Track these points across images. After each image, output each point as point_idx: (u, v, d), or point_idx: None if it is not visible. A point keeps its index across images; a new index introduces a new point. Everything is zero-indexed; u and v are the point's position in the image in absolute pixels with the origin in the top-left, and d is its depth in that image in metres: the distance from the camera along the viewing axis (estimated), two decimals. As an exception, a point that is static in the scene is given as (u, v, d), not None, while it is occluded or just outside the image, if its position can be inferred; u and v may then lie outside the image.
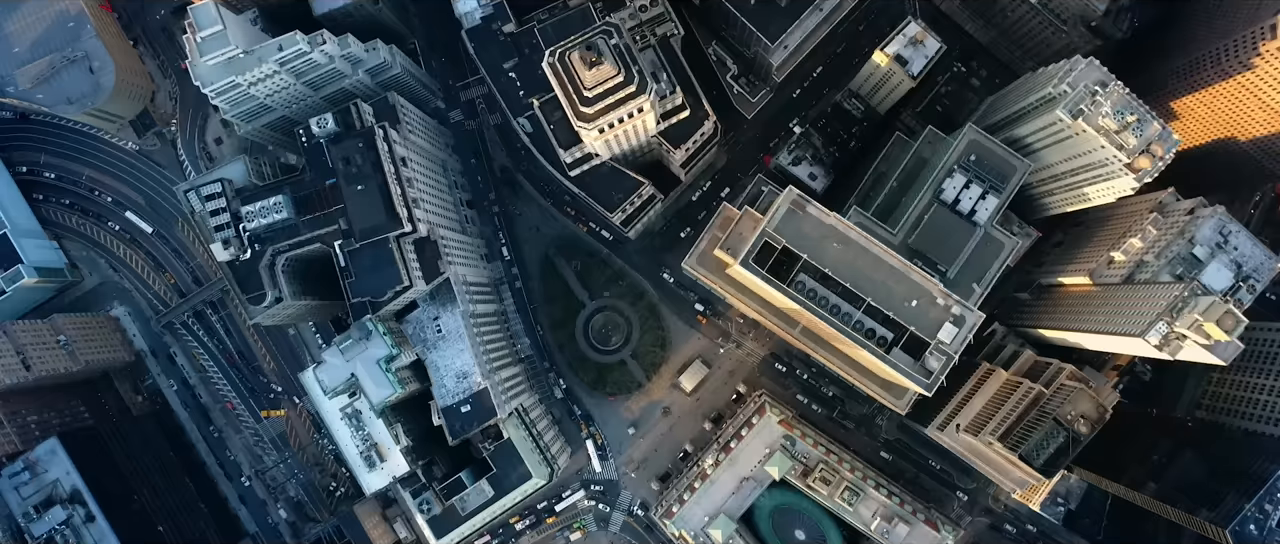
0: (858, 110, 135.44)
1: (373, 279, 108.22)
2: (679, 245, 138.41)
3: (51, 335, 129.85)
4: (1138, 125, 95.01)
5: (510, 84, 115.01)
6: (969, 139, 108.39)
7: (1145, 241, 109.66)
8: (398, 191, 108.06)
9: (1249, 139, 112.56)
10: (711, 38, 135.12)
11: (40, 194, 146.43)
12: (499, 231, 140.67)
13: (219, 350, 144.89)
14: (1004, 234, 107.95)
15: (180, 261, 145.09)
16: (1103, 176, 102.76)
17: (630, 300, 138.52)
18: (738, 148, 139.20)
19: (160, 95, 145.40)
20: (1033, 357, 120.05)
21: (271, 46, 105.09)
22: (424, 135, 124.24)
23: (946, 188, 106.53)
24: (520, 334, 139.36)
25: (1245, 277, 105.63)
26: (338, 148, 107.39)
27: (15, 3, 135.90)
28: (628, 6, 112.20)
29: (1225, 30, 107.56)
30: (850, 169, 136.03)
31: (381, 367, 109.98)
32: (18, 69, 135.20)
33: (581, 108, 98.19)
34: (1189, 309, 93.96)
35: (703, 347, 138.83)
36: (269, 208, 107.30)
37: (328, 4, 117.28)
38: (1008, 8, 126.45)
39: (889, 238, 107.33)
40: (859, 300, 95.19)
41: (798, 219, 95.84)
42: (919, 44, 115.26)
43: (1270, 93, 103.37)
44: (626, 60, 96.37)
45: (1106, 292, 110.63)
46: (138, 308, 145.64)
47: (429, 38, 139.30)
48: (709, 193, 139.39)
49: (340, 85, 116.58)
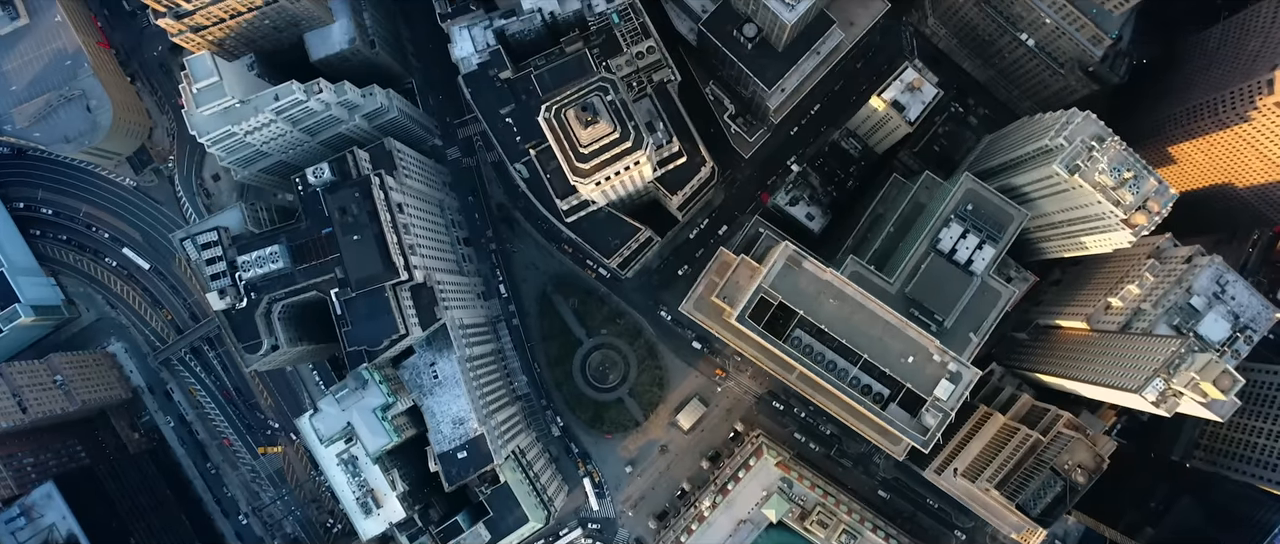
0: (855, 149, 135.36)
1: (369, 328, 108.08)
2: (676, 283, 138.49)
3: (48, 376, 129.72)
4: (1134, 182, 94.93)
5: (507, 129, 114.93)
6: (966, 188, 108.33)
7: (1142, 289, 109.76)
8: (394, 240, 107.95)
9: (1246, 186, 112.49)
10: (708, 77, 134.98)
11: (37, 230, 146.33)
12: (496, 269, 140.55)
13: (216, 387, 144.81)
14: (1001, 284, 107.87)
15: (177, 298, 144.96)
16: (1100, 229, 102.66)
17: (628, 338, 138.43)
18: (735, 186, 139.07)
19: (157, 132, 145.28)
20: (1030, 401, 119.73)
21: (268, 96, 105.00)
22: (421, 177, 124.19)
23: (943, 237, 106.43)
24: (517, 372, 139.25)
25: (1242, 327, 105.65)
26: (334, 197, 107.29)
27: (13, 40, 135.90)
28: (624, 53, 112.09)
29: (1222, 80, 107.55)
30: (848, 208, 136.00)
31: (377, 415, 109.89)
32: (15, 107, 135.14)
33: (578, 163, 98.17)
34: (1186, 366, 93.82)
35: (700, 385, 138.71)
36: (265, 257, 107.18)
37: (324, 49, 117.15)
38: (1005, 49, 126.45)
39: (886, 287, 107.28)
40: (855, 356, 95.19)
41: (794, 274, 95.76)
42: (916, 90, 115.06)
43: (1267, 144, 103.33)
44: (622, 116, 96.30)
45: (1103, 340, 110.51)
46: (135, 344, 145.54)
47: (426, 75, 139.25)
48: (707, 230, 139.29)
49: (337, 130, 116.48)
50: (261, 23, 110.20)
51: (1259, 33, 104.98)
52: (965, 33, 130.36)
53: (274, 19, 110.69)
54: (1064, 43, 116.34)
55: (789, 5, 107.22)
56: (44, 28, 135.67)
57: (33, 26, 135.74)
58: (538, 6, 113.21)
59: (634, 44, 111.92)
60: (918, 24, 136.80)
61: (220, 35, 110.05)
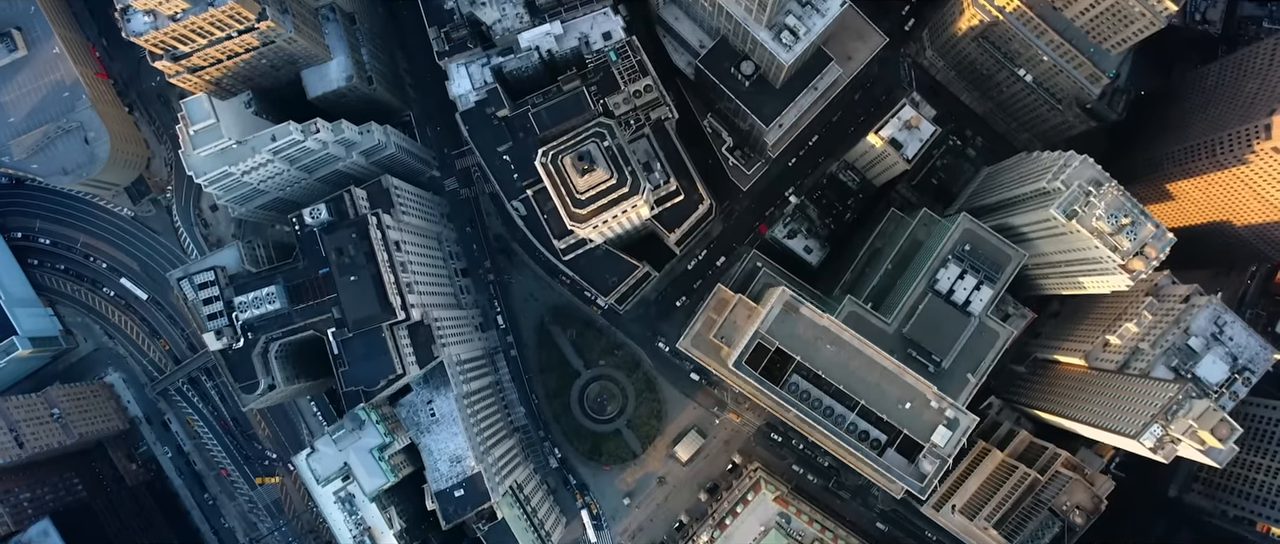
0: (853, 182, 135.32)
1: (366, 368, 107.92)
2: (674, 314, 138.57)
3: (45, 409, 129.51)
4: (1131, 228, 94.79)
5: (504, 167, 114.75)
6: (963, 228, 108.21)
7: (1140, 327, 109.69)
8: (391, 279, 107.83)
9: (1244, 225, 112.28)
10: (706, 110, 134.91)
11: (35, 260, 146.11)
12: (494, 300, 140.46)
13: (214, 417, 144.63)
14: (998, 324, 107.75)
15: (175, 328, 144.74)
16: (1097, 271, 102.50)
17: (626, 370, 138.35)
18: (733, 217, 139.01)
19: (155, 162, 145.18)
20: (1028, 438, 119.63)
21: (265, 137, 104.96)
22: (418, 212, 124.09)
23: (941, 278, 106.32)
24: (515, 403, 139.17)
25: (1241, 369, 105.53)
26: (331, 238, 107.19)
27: (11, 72, 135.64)
28: (622, 91, 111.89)
29: (1219, 120, 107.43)
30: (846, 240, 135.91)
31: (374, 456, 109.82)
32: (13, 139, 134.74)
33: (574, 209, 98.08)
34: (1183, 413, 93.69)
35: (698, 416, 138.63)
36: (262, 298, 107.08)
37: (321, 87, 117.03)
38: (1003, 84, 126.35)
39: (883, 327, 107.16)
40: (852, 402, 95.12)
41: (791, 320, 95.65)
42: (914, 128, 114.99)
43: (1265, 186, 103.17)
44: (619, 162, 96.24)
45: (1101, 379, 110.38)
46: (132, 374, 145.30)
47: (424, 107, 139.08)
48: (704, 262, 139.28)
49: (334, 167, 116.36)
50: (259, 62, 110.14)
51: (1257, 74, 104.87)
52: (963, 66, 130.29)
53: (271, 58, 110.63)
54: (1062, 80, 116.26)
55: (786, 46, 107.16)
56: (42, 59, 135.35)
57: (31, 58, 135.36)
58: (535, 45, 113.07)
59: (631, 82, 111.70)
60: (916, 56, 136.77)
61: (217, 74, 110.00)
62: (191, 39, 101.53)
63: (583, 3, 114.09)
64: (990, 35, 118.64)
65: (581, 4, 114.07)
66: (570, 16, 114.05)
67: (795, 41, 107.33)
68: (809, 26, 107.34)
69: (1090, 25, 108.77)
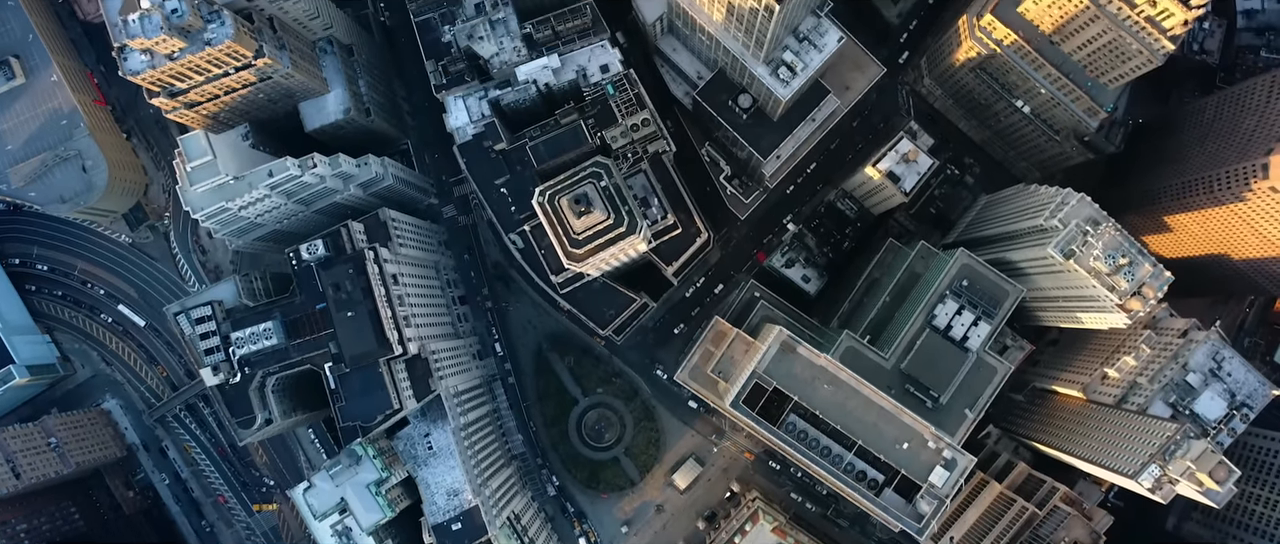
0: (851, 210, 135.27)
1: (363, 403, 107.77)
2: (672, 341, 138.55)
3: (42, 438, 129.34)
4: (1129, 268, 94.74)
5: (502, 199, 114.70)
6: (961, 263, 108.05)
7: (1138, 361, 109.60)
8: (388, 314, 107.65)
9: (1242, 258, 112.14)
10: (704, 138, 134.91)
11: (32, 286, 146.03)
12: (492, 327, 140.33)
13: (211, 444, 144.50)
14: (996, 360, 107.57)
15: (172, 354, 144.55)
16: (1095, 308, 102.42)
17: (624, 397, 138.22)
18: (731, 245, 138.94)
19: (153, 188, 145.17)
20: (1027, 470, 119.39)
21: (262, 172, 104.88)
22: (417, 243, 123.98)
23: (938, 314, 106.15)
24: (513, 431, 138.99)
25: (1239, 405, 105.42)
26: (328, 273, 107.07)
27: (9, 100, 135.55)
28: (619, 124, 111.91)
29: (1217, 156, 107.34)
30: (844, 269, 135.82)
31: (371, 491, 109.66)
32: (10, 167, 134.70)
33: (571, 249, 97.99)
34: (1181, 454, 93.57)
35: (696, 444, 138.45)
36: (259, 334, 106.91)
37: (319, 119, 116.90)
38: (1001, 114, 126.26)
39: (881, 363, 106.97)
40: (850, 442, 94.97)
41: (788, 360, 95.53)
42: (911, 162, 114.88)
43: (1263, 223, 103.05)
44: (616, 202, 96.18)
45: (1100, 414, 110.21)
46: (130, 401, 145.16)
47: (422, 134, 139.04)
48: (702, 289, 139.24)
49: (332, 200, 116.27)
50: (256, 97, 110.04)
51: (1254, 111, 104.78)
52: (961, 95, 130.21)
53: (269, 93, 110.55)
54: (1060, 112, 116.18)
55: (784, 82, 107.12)
56: (40, 87, 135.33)
57: (29, 86, 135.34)
58: (533, 78, 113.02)
59: (629, 115, 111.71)
60: (914, 84, 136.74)
61: (214, 109, 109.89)
62: (188, 76, 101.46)
63: (580, 36, 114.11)
64: (988, 67, 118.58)
65: (579, 37, 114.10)
66: (568, 50, 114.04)
67: (793, 77, 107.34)
68: (806, 62, 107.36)
69: (1088, 60, 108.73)
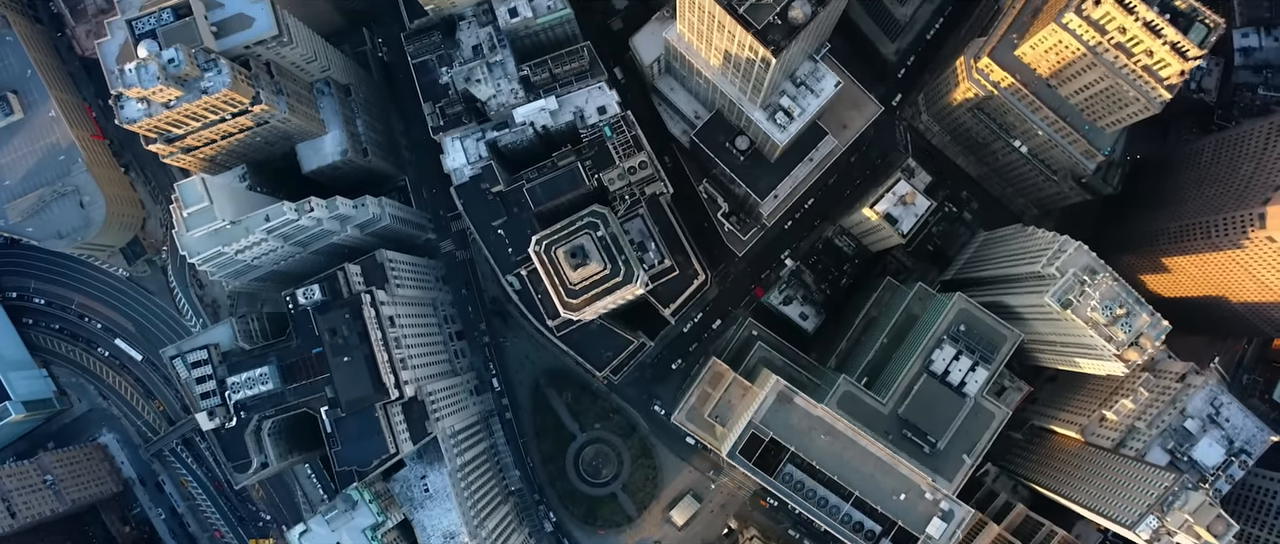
0: (849, 247, 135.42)
1: (359, 448, 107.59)
2: (670, 377, 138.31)
3: (38, 476, 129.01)
4: (1127, 319, 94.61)
5: (499, 241, 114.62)
6: (958, 308, 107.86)
7: (1137, 404, 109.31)
8: (385, 358, 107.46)
9: (1240, 302, 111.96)
10: (702, 175, 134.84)
11: (29, 319, 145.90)
12: (489, 362, 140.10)
13: (207, 478, 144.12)
14: (994, 405, 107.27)
15: (169, 389, 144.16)
16: (1093, 355, 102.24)
17: (622, 433, 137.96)
18: (729, 280, 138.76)
19: (151, 222, 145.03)
20: (1025, 511, 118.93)
21: (258, 217, 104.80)
22: (414, 282, 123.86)
23: (936, 359, 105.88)
24: (510, 467, 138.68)
25: (1237, 451, 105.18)
26: (324, 318, 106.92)
27: (7, 135, 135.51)
28: (617, 166, 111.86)
29: (1215, 202, 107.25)
30: (842, 306, 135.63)
31: (368, 535, 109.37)
32: (8, 202, 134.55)
33: (567, 298, 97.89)
34: (1179, 505, 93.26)
35: (694, 480, 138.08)
36: (255, 378, 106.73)
37: (316, 161, 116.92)
38: (999, 152, 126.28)
39: (878, 408, 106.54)
40: (847, 493, 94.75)
41: (785, 410, 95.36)
42: (909, 204, 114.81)
43: (1261, 270, 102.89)
44: (613, 252, 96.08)
45: (1097, 458, 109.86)
46: (126, 435, 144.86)
47: (419, 170, 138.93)
48: (700, 324, 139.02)
49: (329, 241, 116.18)
50: (253, 140, 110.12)
51: (1251, 157, 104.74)
52: (959, 133, 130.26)
53: (266, 136, 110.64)
54: (1057, 153, 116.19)
55: (781, 126, 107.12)
56: (38, 123, 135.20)
57: (27, 121, 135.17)
58: (530, 120, 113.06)
59: (626, 158, 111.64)
60: (912, 120, 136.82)
61: (211, 153, 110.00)
62: (185, 123, 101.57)
63: (577, 78, 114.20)
64: (985, 107, 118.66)
65: (576, 79, 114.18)
66: (565, 92, 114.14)
67: (790, 122, 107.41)
68: (803, 107, 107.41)
69: (1085, 105, 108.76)
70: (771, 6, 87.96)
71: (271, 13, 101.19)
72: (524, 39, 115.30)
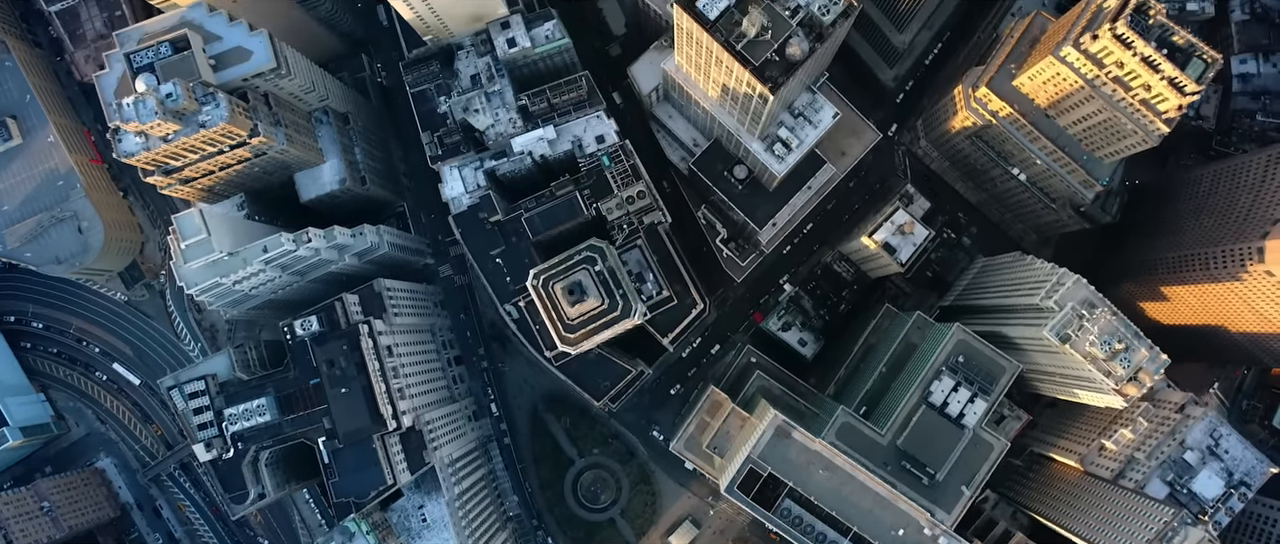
0: (848, 272, 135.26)
1: (356, 479, 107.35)
2: (669, 402, 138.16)
3: (35, 503, 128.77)
4: (1125, 354, 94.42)
5: (497, 270, 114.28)
6: (957, 339, 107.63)
7: (1136, 434, 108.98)
8: (382, 389, 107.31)
9: (1239, 331, 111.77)
10: (701, 201, 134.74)
11: (27, 343, 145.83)
12: (487, 387, 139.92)
13: (206, 503, 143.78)
14: (993, 436, 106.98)
15: (167, 413, 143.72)
16: (1092, 388, 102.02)
17: (620, 459, 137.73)
18: (728, 304, 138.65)
19: (149, 246, 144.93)
20: (1024, 540, 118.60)
21: (256, 248, 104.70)
22: (412, 310, 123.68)
23: (934, 391, 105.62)
24: (508, 492, 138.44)
25: (1237, 483, 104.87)
26: (322, 349, 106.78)
27: (5, 161, 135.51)
28: (615, 195, 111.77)
29: (1213, 233, 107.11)
30: (840, 331, 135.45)
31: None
32: (6, 228, 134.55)
33: (565, 333, 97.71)
34: (1180, 541, 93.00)
35: (692, 505, 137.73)
36: (253, 410, 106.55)
37: (314, 190, 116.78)
38: (998, 179, 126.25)
39: (877, 439, 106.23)
40: (845, 528, 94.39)
41: (783, 445, 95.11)
42: (908, 234, 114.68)
43: (1260, 302, 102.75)
44: (610, 286, 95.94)
45: (1096, 489, 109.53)
46: (124, 460, 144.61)
47: (418, 195, 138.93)
48: (699, 349, 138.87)
49: (327, 269, 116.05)
50: (251, 171, 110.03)
51: (1249, 189, 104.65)
52: (957, 159, 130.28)
53: (264, 167, 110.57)
54: (1056, 182, 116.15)
55: (779, 157, 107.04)
56: (37, 148, 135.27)
57: (26, 147, 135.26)
58: (528, 149, 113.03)
59: (625, 187, 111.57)
60: (910, 145, 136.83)
61: (209, 183, 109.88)
62: (183, 156, 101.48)
63: (576, 107, 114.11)
64: (983, 136, 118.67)
65: (574, 109, 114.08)
66: (563, 121, 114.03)
67: (788, 153, 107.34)
68: (801, 139, 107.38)
69: (1083, 135, 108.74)
70: (769, 44, 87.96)
71: (270, 45, 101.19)
72: (522, 68, 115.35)
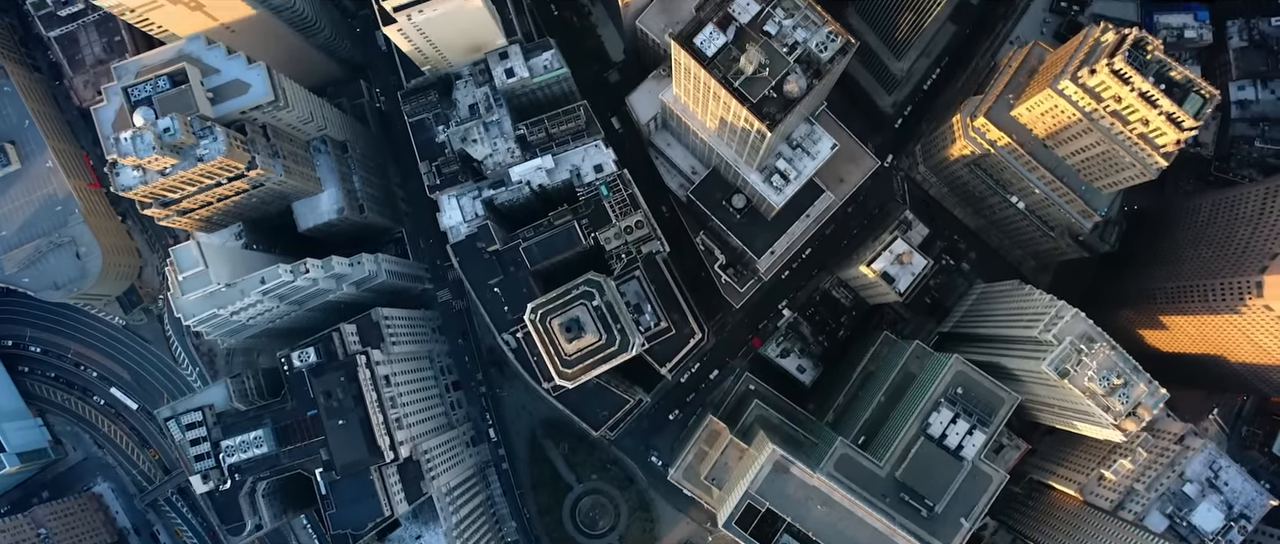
0: (846, 298, 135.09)
1: (353, 511, 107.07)
2: (667, 428, 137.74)
3: (31, 530, 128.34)
4: (1124, 389, 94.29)
5: (495, 299, 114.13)
6: (955, 370, 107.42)
7: (1135, 465, 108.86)
8: (380, 420, 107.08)
9: (1237, 361, 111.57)
10: (699, 227, 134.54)
11: (25, 367, 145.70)
12: (486, 413, 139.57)
13: (203, 528, 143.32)
14: (992, 468, 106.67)
15: (165, 438, 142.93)
16: (1091, 421, 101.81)
17: (619, 484, 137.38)
18: (726, 330, 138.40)
19: (147, 271, 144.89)
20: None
21: (254, 279, 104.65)
22: (410, 337, 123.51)
23: (933, 423, 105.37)
24: (507, 518, 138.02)
25: (1237, 516, 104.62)
26: (319, 381, 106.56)
27: (3, 186, 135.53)
28: (613, 225, 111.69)
29: (1212, 265, 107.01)
30: (839, 358, 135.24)
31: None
32: (4, 253, 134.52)
33: (563, 368, 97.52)
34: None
35: (691, 532, 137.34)
36: (250, 442, 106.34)
37: (312, 219, 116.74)
38: (996, 207, 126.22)
39: (876, 471, 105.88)
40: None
41: (781, 479, 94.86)
42: (906, 264, 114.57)
43: (1258, 334, 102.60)
44: (608, 321, 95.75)
45: (1096, 520, 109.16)
46: (121, 485, 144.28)
47: (416, 220, 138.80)
48: (697, 375, 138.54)
49: (325, 299, 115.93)
50: (249, 202, 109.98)
51: (1248, 221, 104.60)
52: (956, 186, 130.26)
53: (262, 198, 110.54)
54: (1054, 211, 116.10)
55: (777, 189, 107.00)
56: (35, 173, 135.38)
57: (24, 172, 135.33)
58: (526, 179, 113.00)
59: (623, 216, 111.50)
60: (909, 170, 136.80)
61: (207, 214, 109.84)
62: (181, 189, 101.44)
63: (574, 137, 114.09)
64: (981, 164, 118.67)
65: (573, 138, 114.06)
66: (561, 150, 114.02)
67: (786, 184, 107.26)
68: (799, 170, 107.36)
69: (1082, 166, 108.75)
70: (766, 80, 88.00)
71: (268, 78, 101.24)
72: (521, 98, 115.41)
